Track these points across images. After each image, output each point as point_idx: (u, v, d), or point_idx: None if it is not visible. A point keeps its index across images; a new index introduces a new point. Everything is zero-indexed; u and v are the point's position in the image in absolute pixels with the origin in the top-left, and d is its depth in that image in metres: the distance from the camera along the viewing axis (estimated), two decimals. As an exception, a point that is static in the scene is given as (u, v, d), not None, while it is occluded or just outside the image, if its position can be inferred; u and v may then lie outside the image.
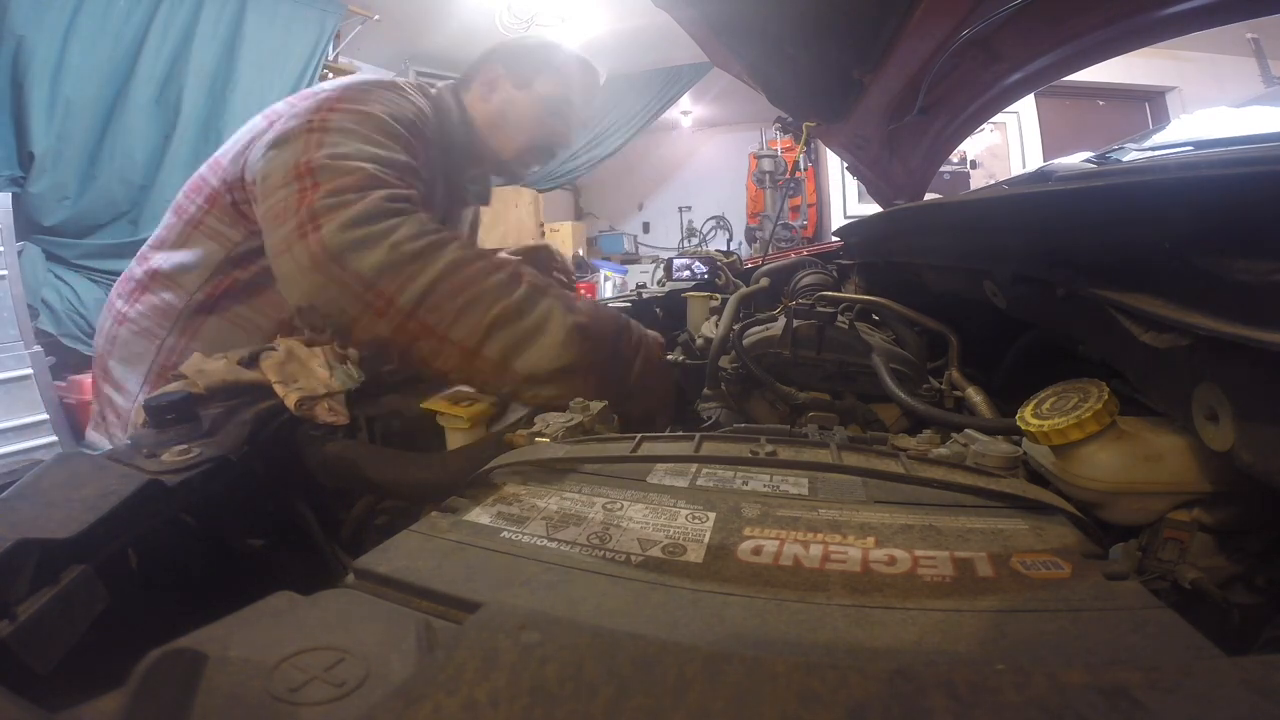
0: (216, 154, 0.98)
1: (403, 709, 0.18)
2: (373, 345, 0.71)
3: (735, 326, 0.94)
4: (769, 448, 0.51)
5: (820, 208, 6.04)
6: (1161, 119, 4.91)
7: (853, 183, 5.21)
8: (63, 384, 2.64)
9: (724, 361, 0.90)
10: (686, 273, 1.71)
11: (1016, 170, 4.94)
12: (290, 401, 0.68)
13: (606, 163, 6.06)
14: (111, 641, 0.38)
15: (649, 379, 0.76)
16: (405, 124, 0.86)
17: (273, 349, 0.74)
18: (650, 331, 0.83)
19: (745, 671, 0.19)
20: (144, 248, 1.04)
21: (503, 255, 0.78)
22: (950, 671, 0.19)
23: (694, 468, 0.49)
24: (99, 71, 2.74)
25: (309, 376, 0.72)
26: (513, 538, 0.38)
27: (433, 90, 1.05)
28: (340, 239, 0.67)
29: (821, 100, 1.26)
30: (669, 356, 1.04)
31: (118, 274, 3.07)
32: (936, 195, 1.54)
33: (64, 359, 2.70)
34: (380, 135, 0.80)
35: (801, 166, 5.62)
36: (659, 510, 0.42)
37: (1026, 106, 5.03)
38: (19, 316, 2.42)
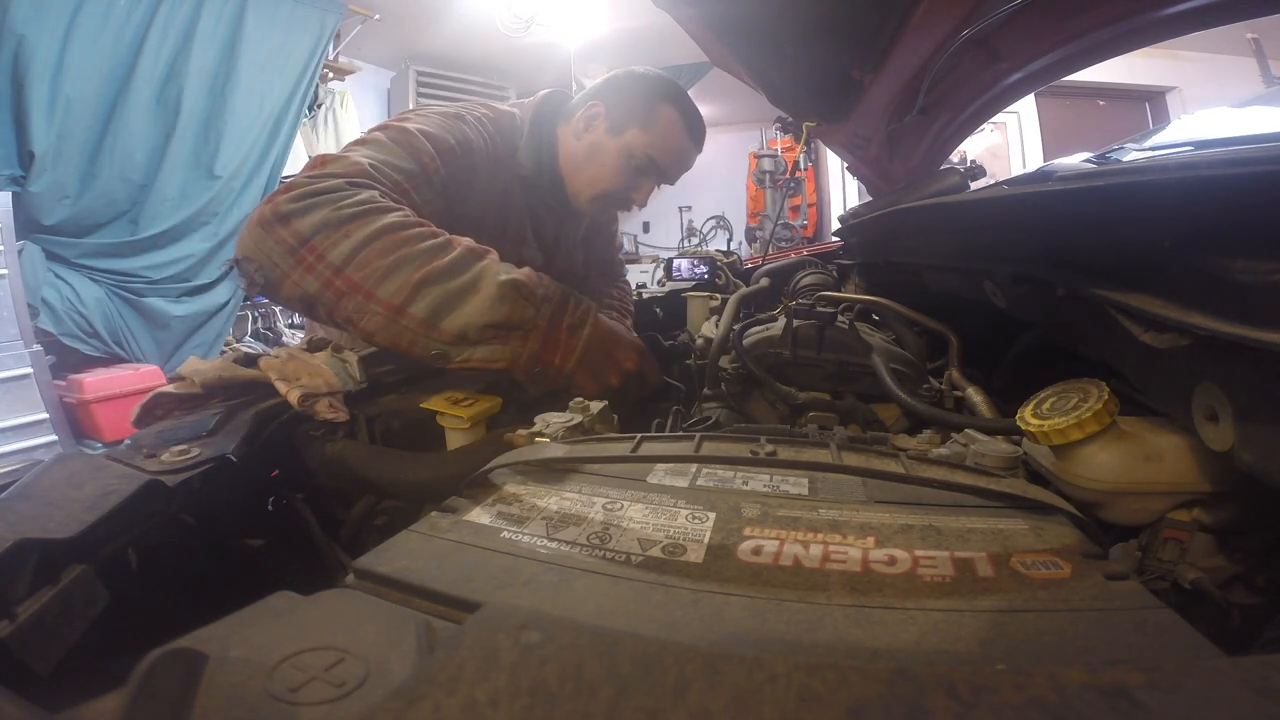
0: None
1: (403, 709, 0.18)
2: (301, 301, 0.70)
3: (735, 326, 0.93)
4: (769, 448, 0.51)
5: (820, 208, 6.04)
6: (1161, 119, 4.91)
7: (853, 183, 5.21)
8: (62, 383, 2.64)
9: (724, 361, 0.90)
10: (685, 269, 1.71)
11: (1016, 170, 4.94)
12: (293, 398, 0.69)
13: (606, 163, 6.06)
14: (111, 641, 0.38)
15: (596, 352, 0.74)
16: (438, 143, 0.89)
17: (272, 353, 0.75)
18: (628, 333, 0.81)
19: (745, 671, 0.19)
20: None
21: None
22: (950, 671, 0.19)
23: (694, 468, 0.49)
24: (99, 71, 2.74)
25: (312, 375, 0.73)
26: (513, 538, 0.38)
27: (518, 119, 1.05)
28: (291, 204, 0.69)
29: (821, 100, 1.25)
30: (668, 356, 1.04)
31: (118, 273, 2.96)
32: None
33: (64, 358, 2.70)
34: (397, 146, 0.84)
35: (801, 166, 5.63)
36: (659, 510, 0.42)
37: (1026, 106, 5.03)
38: (19, 316, 2.42)
